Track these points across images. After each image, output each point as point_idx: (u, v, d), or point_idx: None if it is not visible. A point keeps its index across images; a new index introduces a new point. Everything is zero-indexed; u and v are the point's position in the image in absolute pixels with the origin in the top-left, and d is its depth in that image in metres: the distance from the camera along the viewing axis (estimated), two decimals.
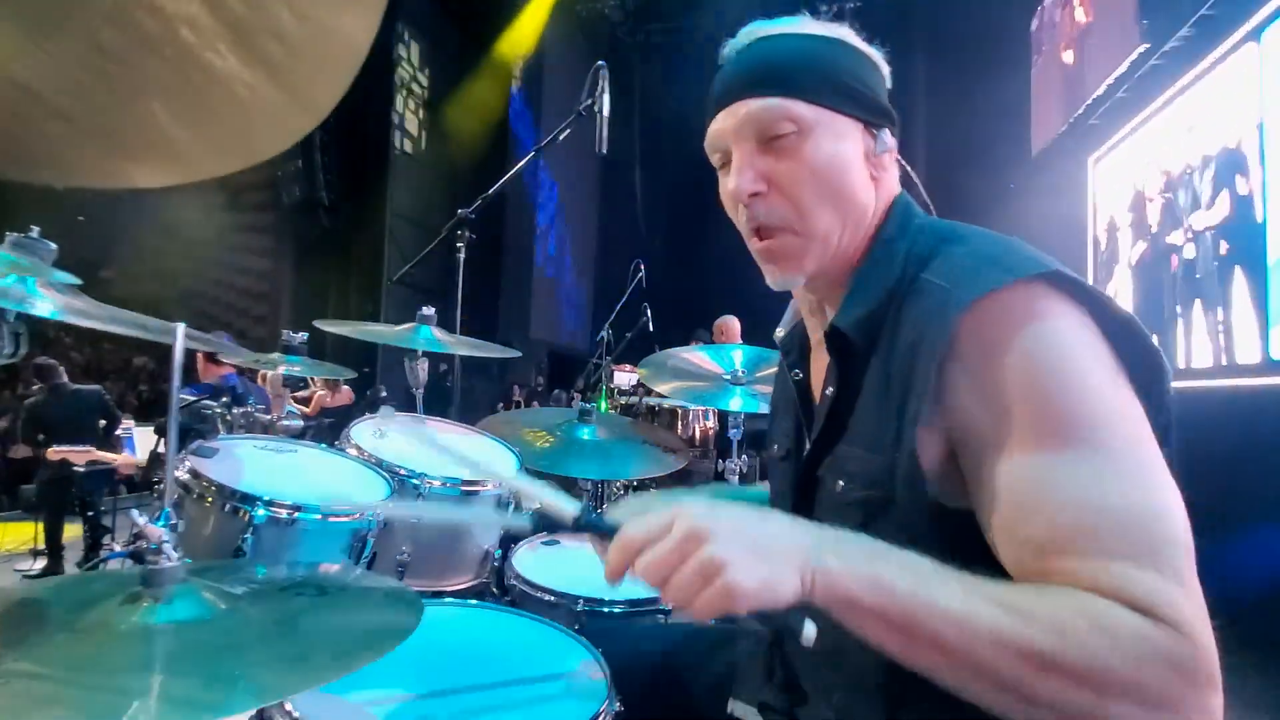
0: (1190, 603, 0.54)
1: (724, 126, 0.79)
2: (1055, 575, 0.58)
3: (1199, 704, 0.52)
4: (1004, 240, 0.72)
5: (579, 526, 0.67)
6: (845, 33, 0.80)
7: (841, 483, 0.76)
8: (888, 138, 0.80)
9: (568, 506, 0.68)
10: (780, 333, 0.96)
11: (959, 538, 0.67)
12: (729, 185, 0.79)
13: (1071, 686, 0.53)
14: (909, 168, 0.89)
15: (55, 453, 4.12)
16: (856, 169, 0.78)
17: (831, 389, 0.78)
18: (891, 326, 0.72)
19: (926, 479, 0.67)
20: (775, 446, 0.93)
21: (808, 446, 0.82)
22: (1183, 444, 0.68)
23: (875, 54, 0.82)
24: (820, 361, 0.85)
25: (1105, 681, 0.52)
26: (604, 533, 0.63)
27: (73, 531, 4.47)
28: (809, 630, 0.57)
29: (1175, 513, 0.58)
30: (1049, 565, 0.59)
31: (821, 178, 0.75)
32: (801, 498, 0.83)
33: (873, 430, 0.73)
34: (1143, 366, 0.66)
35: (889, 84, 0.82)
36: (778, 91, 0.75)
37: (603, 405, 3.88)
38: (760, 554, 0.56)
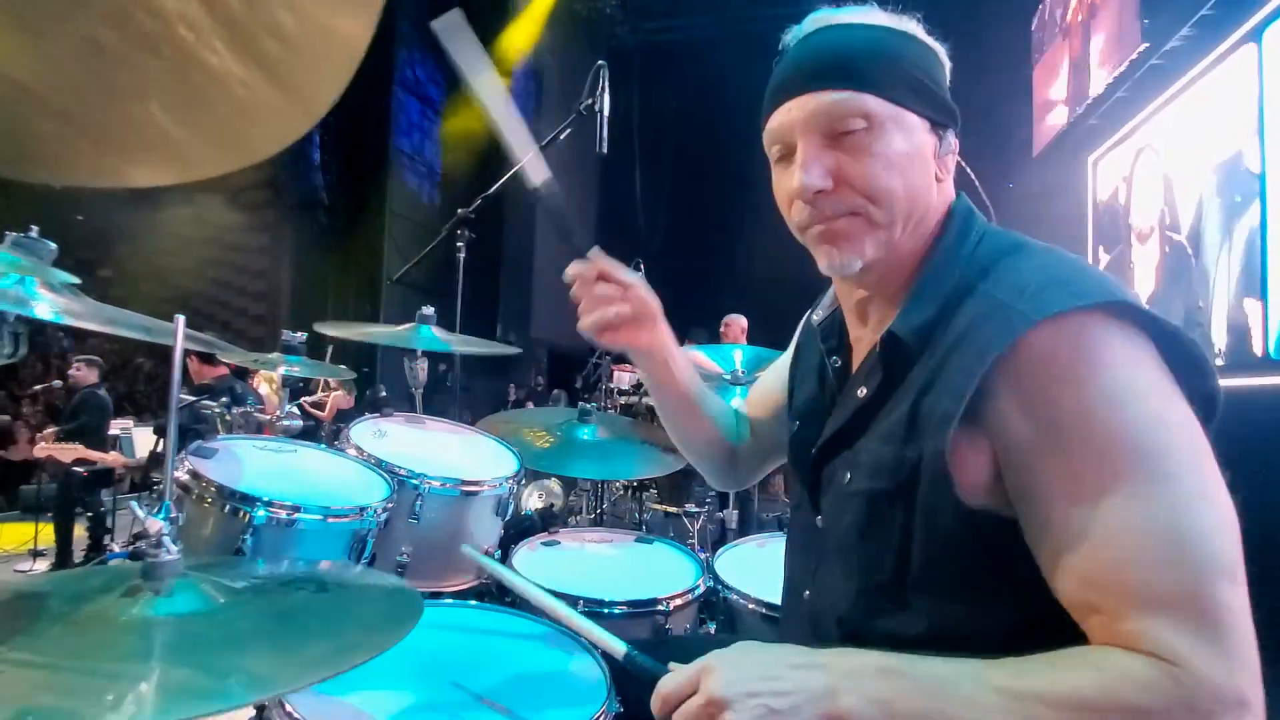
0: (1212, 639, 0.56)
1: (790, 119, 0.75)
2: (1096, 611, 0.61)
3: None
4: (1069, 260, 0.71)
5: (626, 663, 0.75)
6: (913, 26, 0.78)
7: (849, 475, 0.77)
8: (951, 138, 0.78)
9: (616, 644, 0.77)
10: (819, 315, 0.95)
11: (984, 539, 0.68)
12: (793, 181, 0.74)
13: None
14: (970, 171, 0.88)
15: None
16: (923, 167, 0.76)
17: (865, 390, 0.78)
18: (942, 333, 0.72)
19: (955, 483, 0.67)
20: (796, 424, 0.93)
21: (826, 435, 0.82)
22: None
23: (941, 50, 0.80)
24: (859, 353, 0.86)
25: None
26: (646, 675, 0.72)
27: (75, 531, 4.47)
28: None
29: (1221, 537, 0.59)
30: (1090, 599, 0.62)
31: (891, 174, 0.73)
32: (812, 487, 0.85)
33: (891, 425, 0.73)
34: (1201, 401, 0.66)
35: (949, 79, 0.80)
36: (849, 84, 0.72)
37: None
38: (775, 714, 0.60)
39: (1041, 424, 0.64)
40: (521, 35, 10.31)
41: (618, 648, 0.76)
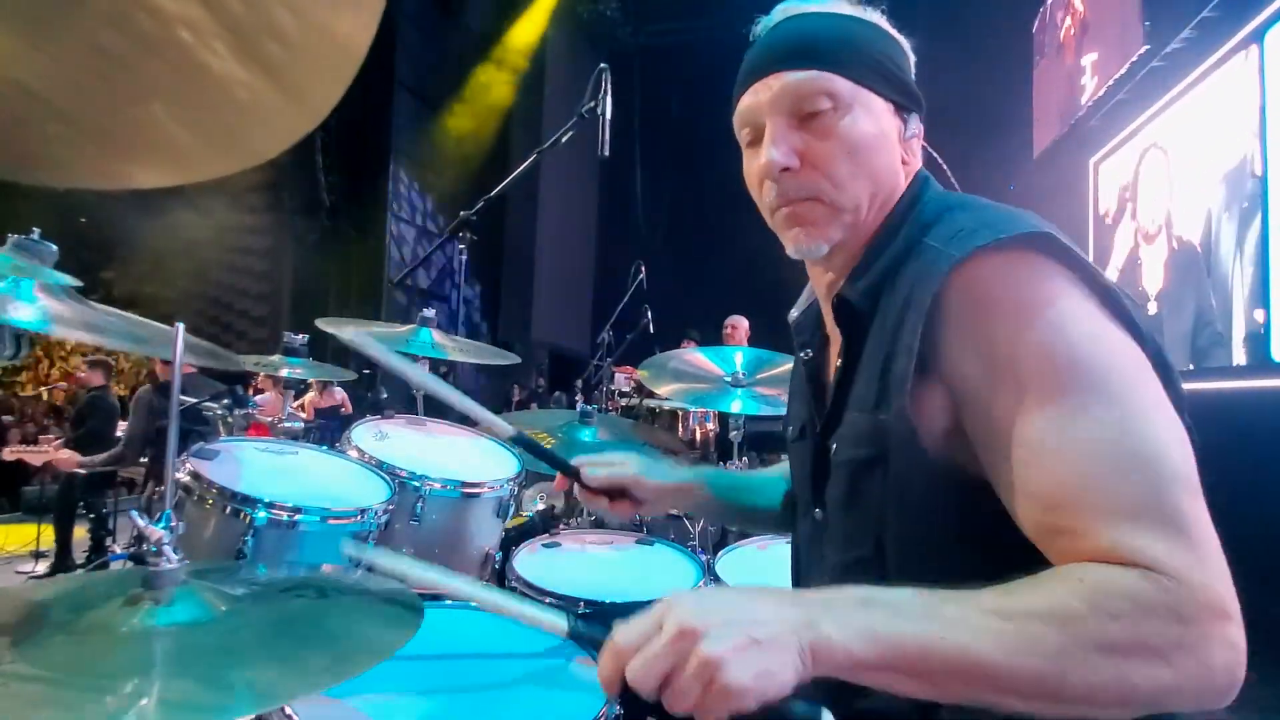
0: (1184, 544, 0.56)
1: (758, 100, 0.77)
2: (1061, 533, 0.60)
3: (1215, 636, 0.54)
4: (1008, 208, 0.72)
5: (571, 636, 0.64)
6: (877, 17, 0.80)
7: (835, 446, 0.78)
8: (916, 123, 0.81)
9: (555, 618, 0.64)
10: (794, 314, 0.96)
11: (957, 498, 0.68)
12: (760, 159, 0.76)
13: (1092, 672, 0.54)
14: (935, 153, 0.89)
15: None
16: (888, 149, 0.78)
17: (840, 361, 0.79)
18: (889, 290, 0.73)
19: (923, 440, 0.68)
20: (790, 429, 0.95)
21: (819, 423, 0.83)
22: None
23: (905, 42, 0.82)
24: (835, 341, 0.86)
25: (1121, 654, 0.54)
26: (596, 641, 0.60)
27: (77, 533, 4.47)
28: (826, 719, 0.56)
29: (1174, 449, 0.59)
30: (1056, 521, 0.61)
31: (856, 154, 0.75)
32: (817, 471, 0.84)
33: (863, 391, 0.74)
34: (1127, 330, 0.67)
35: (913, 73, 0.83)
36: (815, 65, 0.74)
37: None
38: (755, 643, 0.54)
39: (983, 357, 0.65)
40: (523, 38, 10.33)
41: (559, 622, 0.64)
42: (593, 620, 0.64)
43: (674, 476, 1.04)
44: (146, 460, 3.94)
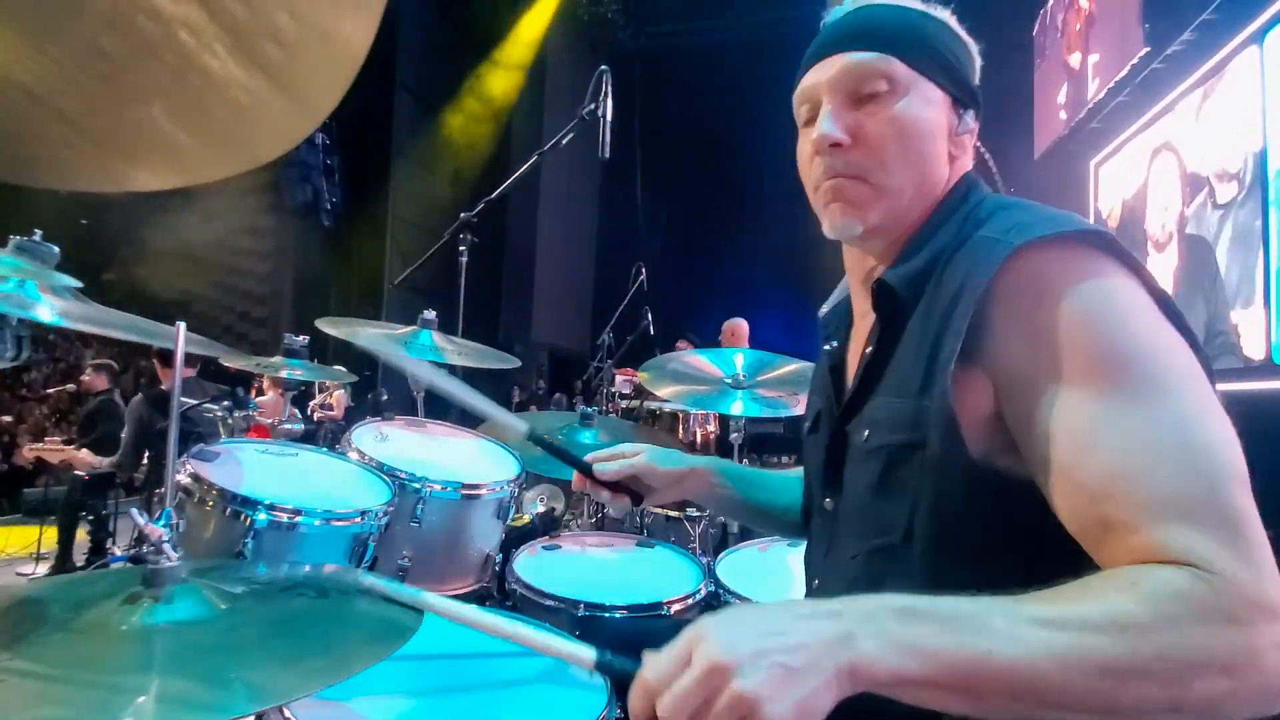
0: (1237, 544, 0.54)
1: (818, 79, 0.79)
2: (1109, 527, 0.59)
3: (1267, 639, 0.52)
4: (1063, 211, 0.73)
5: (598, 669, 0.63)
6: (947, 15, 0.82)
7: (866, 433, 0.77)
8: (970, 119, 0.82)
9: (582, 651, 0.63)
10: (824, 310, 0.97)
11: (992, 495, 0.67)
12: (813, 133, 0.78)
13: (1149, 681, 0.51)
14: (988, 156, 0.91)
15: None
16: (939, 139, 0.79)
17: (871, 347, 0.79)
18: (937, 281, 0.73)
19: (964, 432, 0.67)
20: (807, 424, 0.96)
21: (838, 409, 0.83)
22: None
23: (972, 45, 0.83)
24: (862, 329, 0.86)
25: (1179, 661, 0.51)
26: (625, 674, 0.57)
27: (77, 535, 4.47)
28: None
29: (1228, 447, 0.59)
30: (1104, 513, 0.59)
31: (906, 138, 0.76)
32: (832, 458, 0.84)
33: (904, 377, 0.73)
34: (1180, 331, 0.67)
35: (978, 76, 0.84)
36: (876, 47, 0.76)
37: None
38: (791, 672, 0.50)
39: (1037, 344, 0.65)
40: (524, 39, 10.34)
41: (585, 654, 0.63)
42: (621, 652, 0.62)
43: (686, 462, 1.05)
44: (146, 465, 3.96)
